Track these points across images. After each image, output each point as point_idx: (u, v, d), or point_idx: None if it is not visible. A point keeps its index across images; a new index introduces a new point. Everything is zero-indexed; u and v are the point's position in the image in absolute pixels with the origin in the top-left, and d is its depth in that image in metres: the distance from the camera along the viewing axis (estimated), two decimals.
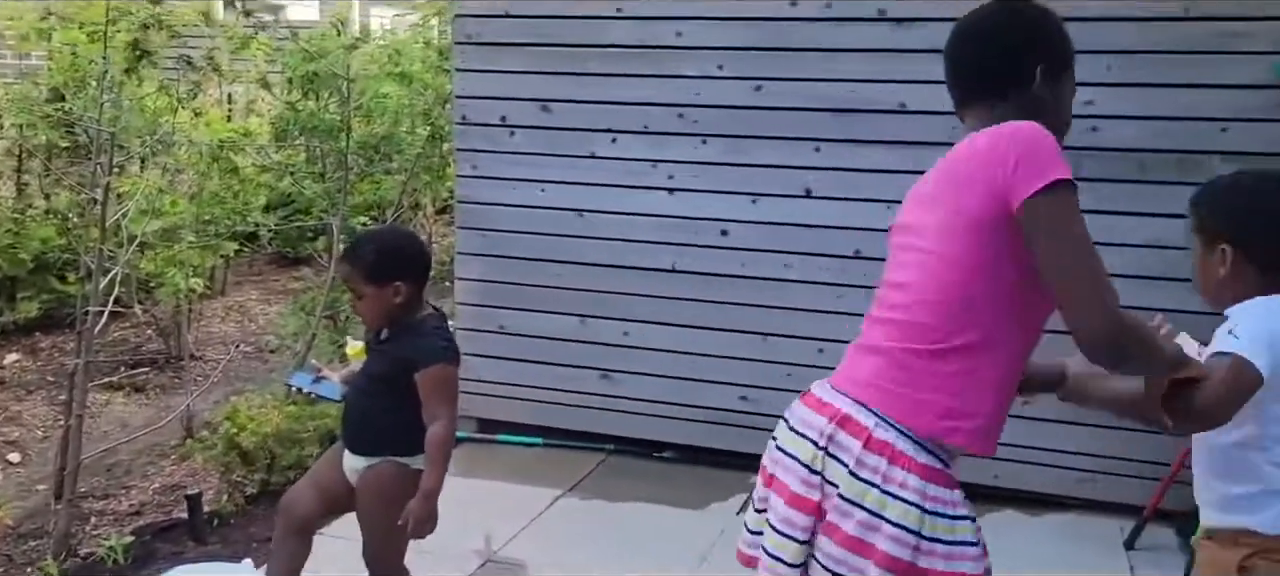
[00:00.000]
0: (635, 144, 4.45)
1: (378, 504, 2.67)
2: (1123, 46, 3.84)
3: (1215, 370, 1.67)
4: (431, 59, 6.22)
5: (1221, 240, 1.82)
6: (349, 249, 2.95)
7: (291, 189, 6.13)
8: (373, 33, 7.25)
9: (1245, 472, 1.80)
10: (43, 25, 5.87)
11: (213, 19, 6.01)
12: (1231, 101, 3.74)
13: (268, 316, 7.52)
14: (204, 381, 5.70)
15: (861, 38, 4.11)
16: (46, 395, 5.61)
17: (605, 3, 4.46)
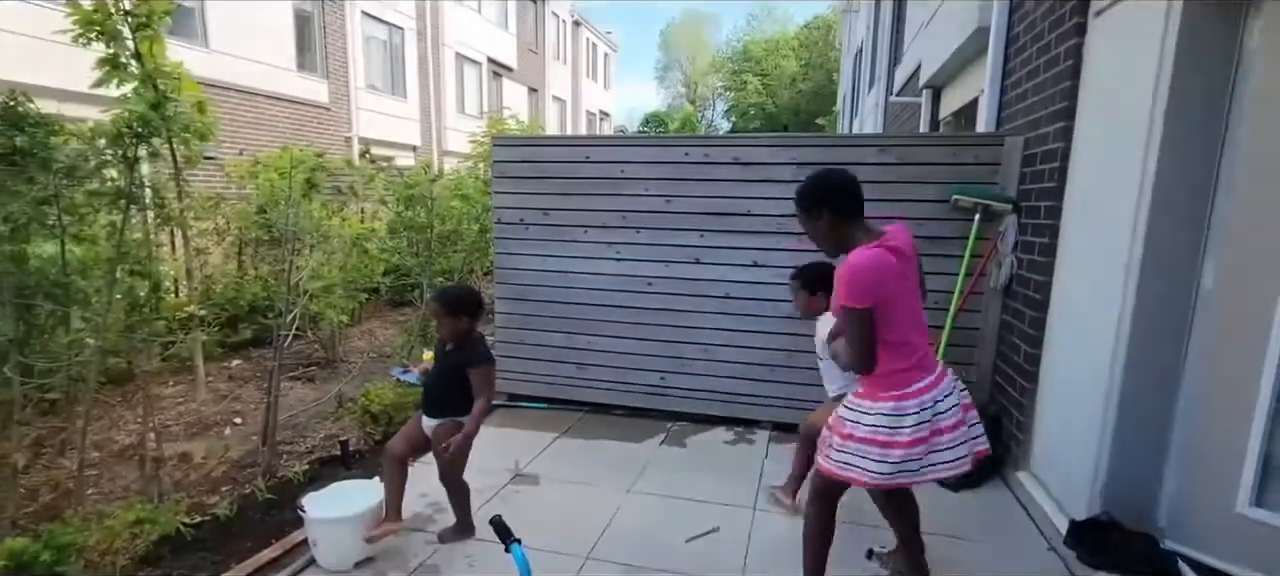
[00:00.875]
0: (598, 233, 4.65)
1: (447, 442, 2.92)
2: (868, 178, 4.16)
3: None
4: (480, 186, 6.33)
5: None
6: (437, 295, 2.93)
7: (399, 262, 6.17)
8: (446, 171, 7.40)
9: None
10: (253, 169, 6.23)
11: (353, 165, 6.32)
12: (925, 209, 4.01)
13: (386, 336, 7.56)
14: (348, 375, 5.92)
15: (725, 172, 4.33)
16: (256, 385, 5.70)
17: (579, 150, 4.71)
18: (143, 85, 3.51)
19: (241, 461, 4.16)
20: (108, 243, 3.05)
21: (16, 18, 7.78)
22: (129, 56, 3.75)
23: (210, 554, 3.01)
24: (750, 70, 43.14)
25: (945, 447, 2.12)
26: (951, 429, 2.12)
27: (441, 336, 2.96)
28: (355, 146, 14.05)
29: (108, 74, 3.79)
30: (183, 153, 3.83)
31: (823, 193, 2.17)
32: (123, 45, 3.74)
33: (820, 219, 2.16)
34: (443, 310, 2.85)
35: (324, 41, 13.72)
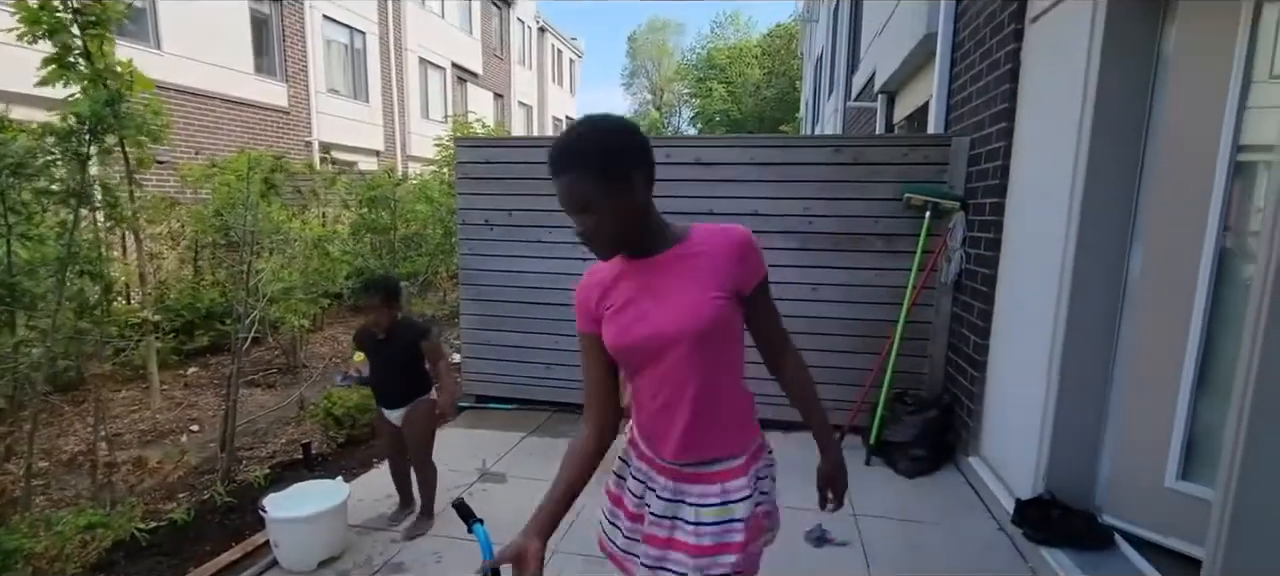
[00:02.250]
0: (562, 233, 4.63)
1: (422, 423, 3.05)
2: (824, 177, 4.22)
3: None
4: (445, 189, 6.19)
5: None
6: (375, 287, 2.92)
7: (362, 265, 6.08)
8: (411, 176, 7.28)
9: None
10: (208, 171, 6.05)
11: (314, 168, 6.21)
12: (879, 208, 4.16)
13: (348, 341, 7.67)
14: (309, 380, 5.84)
15: (687, 173, 4.39)
16: (214, 392, 5.63)
17: (542, 151, 4.75)
18: (92, 84, 3.44)
19: (199, 467, 4.09)
20: (55, 243, 2.97)
21: None
22: (77, 55, 3.67)
23: (167, 558, 2.95)
24: (715, 77, 43.63)
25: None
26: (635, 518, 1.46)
27: (374, 329, 2.99)
28: (315, 151, 13.77)
29: (54, 73, 3.69)
30: (135, 154, 3.75)
31: (639, 147, 1.27)
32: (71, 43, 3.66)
33: (631, 188, 1.25)
34: (384, 300, 2.91)
35: (282, 44, 13.43)
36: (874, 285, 4.28)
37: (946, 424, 3.93)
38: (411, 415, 3.04)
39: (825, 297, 4.37)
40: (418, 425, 3.07)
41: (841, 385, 4.37)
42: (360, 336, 3.11)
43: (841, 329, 4.35)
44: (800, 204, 4.30)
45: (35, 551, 2.50)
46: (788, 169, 4.34)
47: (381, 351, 3.01)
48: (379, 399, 3.10)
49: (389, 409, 3.09)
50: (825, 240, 4.30)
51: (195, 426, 5.06)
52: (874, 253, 4.26)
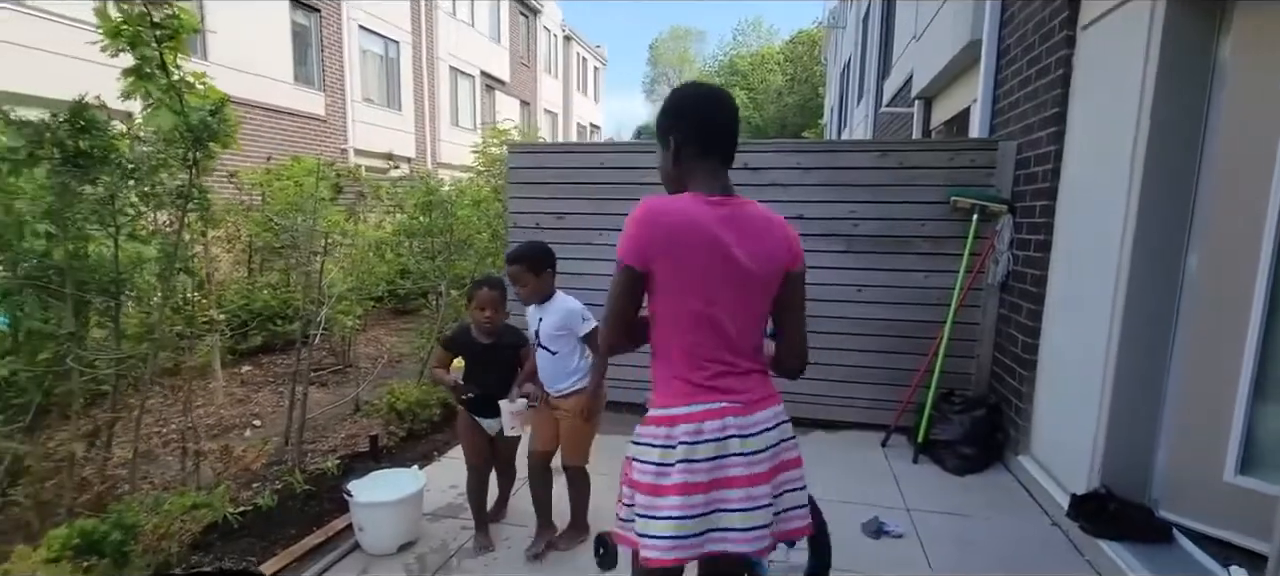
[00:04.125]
0: (611, 236, 4.50)
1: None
2: (870, 182, 4.32)
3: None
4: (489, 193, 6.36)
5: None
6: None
7: (413, 266, 6.21)
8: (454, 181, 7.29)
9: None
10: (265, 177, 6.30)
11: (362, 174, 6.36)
12: (924, 210, 4.25)
13: (391, 342, 7.64)
14: (360, 380, 5.86)
15: (735, 177, 4.65)
16: (271, 390, 5.79)
17: (594, 156, 4.89)
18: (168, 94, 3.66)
19: (269, 459, 4.25)
20: (153, 243, 3.18)
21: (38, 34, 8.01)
22: (154, 67, 3.91)
23: (257, 540, 3.12)
24: (737, 84, 43.74)
25: (736, 506, 1.42)
26: (746, 482, 1.43)
27: (478, 332, 2.86)
28: (351, 158, 14.14)
29: (133, 84, 3.93)
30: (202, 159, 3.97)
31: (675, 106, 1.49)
32: (149, 55, 3.89)
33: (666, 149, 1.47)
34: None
35: (321, 54, 13.84)
36: (919, 287, 4.36)
37: (994, 422, 4.00)
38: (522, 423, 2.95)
39: (870, 298, 4.46)
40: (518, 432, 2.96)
41: (886, 385, 4.46)
42: (456, 340, 2.98)
43: (886, 330, 4.44)
44: (846, 207, 4.40)
45: (145, 528, 2.69)
46: (833, 173, 4.46)
47: (485, 356, 2.89)
48: (474, 407, 2.94)
49: (485, 417, 2.96)
50: (870, 243, 4.40)
51: (257, 421, 5.24)
52: (920, 255, 4.35)
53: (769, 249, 1.50)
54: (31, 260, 2.75)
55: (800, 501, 1.54)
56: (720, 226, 1.45)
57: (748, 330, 1.51)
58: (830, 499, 3.42)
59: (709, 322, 1.45)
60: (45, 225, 2.84)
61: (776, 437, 1.50)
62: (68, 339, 2.77)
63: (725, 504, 1.43)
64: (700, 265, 1.43)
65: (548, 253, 2.82)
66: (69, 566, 2.35)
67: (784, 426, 1.53)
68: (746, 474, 1.43)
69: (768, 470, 1.46)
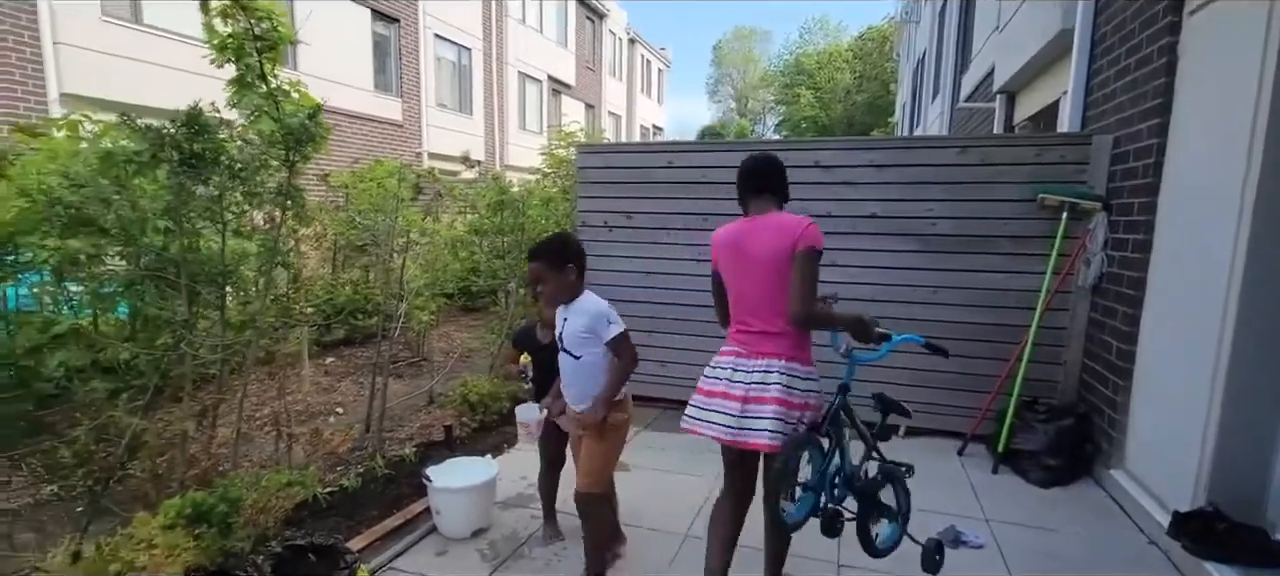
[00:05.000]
0: (680, 235, 4.83)
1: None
2: (948, 179, 4.19)
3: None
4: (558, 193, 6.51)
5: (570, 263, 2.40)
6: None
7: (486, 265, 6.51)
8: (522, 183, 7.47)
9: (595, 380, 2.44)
10: (351, 179, 6.67)
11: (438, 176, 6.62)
12: (1007, 209, 4.07)
13: (461, 337, 7.92)
14: (433, 373, 6.13)
15: (805, 176, 4.38)
16: (352, 380, 6.07)
17: (662, 156, 4.91)
18: (267, 101, 3.93)
19: (352, 444, 4.48)
20: (254, 238, 3.43)
21: (140, 47, 8.79)
22: (255, 77, 4.20)
23: (343, 519, 3.30)
24: (803, 83, 42.93)
25: (716, 408, 2.19)
26: (722, 395, 2.18)
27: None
28: (425, 161, 14.73)
29: (237, 93, 4.25)
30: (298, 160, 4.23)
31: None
32: (251, 65, 4.19)
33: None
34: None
35: (399, 63, 14.49)
36: (1001, 288, 4.17)
37: (1083, 433, 3.78)
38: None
39: (946, 300, 4.30)
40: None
41: (962, 391, 4.28)
42: (522, 338, 2.99)
43: (963, 333, 4.25)
44: (922, 205, 4.26)
45: (246, 502, 2.90)
46: (908, 171, 4.32)
47: (546, 354, 2.85)
48: (535, 391, 2.99)
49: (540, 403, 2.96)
50: (947, 242, 4.24)
51: (340, 409, 5.53)
52: (1001, 255, 4.16)
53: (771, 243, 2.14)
54: (151, 254, 3.01)
55: (761, 426, 2.09)
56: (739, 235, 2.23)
57: (758, 304, 2.19)
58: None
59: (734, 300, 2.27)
60: (163, 222, 3.12)
61: (759, 378, 2.12)
62: (182, 326, 3.02)
63: (712, 405, 2.19)
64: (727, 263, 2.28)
65: (568, 246, 2.53)
66: (182, 533, 2.56)
67: (770, 373, 2.11)
68: (726, 391, 2.16)
69: (741, 394, 2.12)
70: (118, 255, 3.27)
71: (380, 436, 4.44)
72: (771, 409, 2.08)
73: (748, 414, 2.12)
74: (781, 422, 2.08)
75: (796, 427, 2.12)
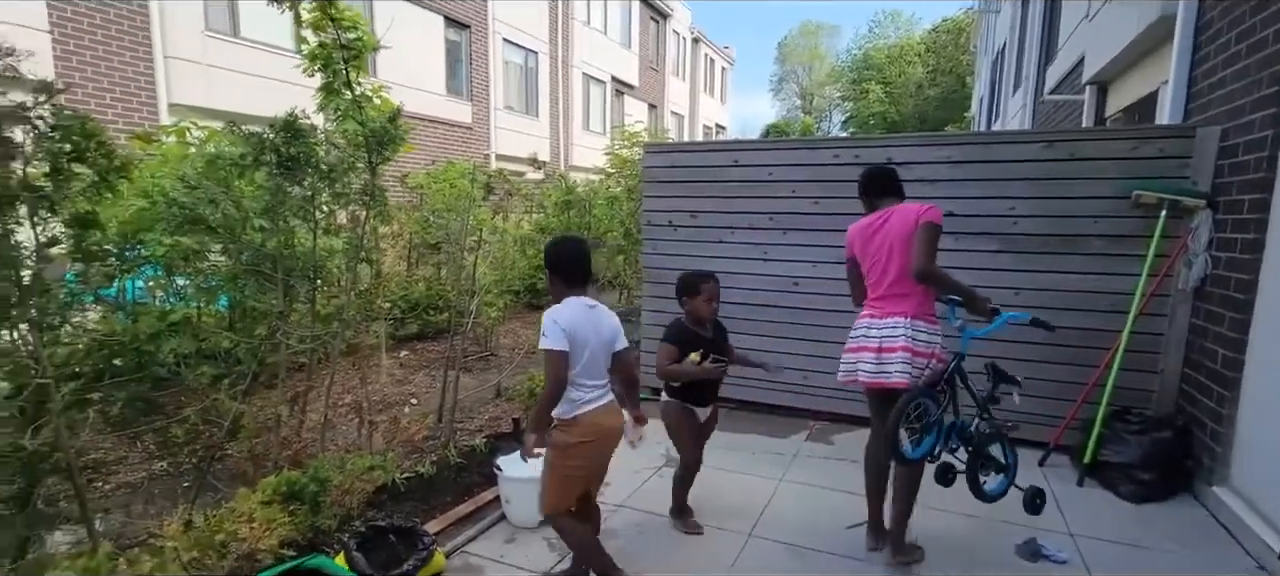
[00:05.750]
0: (745, 234, 4.81)
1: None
2: (1032, 175, 3.98)
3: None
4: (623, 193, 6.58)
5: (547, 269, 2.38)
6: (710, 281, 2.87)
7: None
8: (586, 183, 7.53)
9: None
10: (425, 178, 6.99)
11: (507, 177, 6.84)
12: (1097, 206, 3.85)
13: (526, 334, 7.98)
14: (500, 368, 6.35)
15: None
16: (424, 373, 6.28)
17: (728, 155, 4.88)
18: (352, 106, 4.16)
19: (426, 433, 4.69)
20: (342, 236, 3.65)
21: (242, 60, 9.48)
22: (341, 84, 4.46)
23: (419, 503, 3.47)
24: (872, 78, 41.64)
25: (857, 360, 2.73)
26: (860, 350, 2.71)
27: (698, 325, 2.90)
28: (493, 162, 15.19)
29: (325, 99, 4.52)
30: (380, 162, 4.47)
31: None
32: (338, 73, 4.45)
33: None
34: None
35: (469, 67, 15.00)
36: (1089, 291, 3.95)
37: (1182, 447, 3.53)
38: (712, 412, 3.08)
39: (1028, 303, 4.07)
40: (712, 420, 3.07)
41: (1045, 398, 4.07)
42: (683, 336, 2.91)
43: (1047, 337, 4.02)
44: (1003, 204, 4.08)
45: (333, 483, 3.10)
46: (988, 167, 4.15)
47: (709, 347, 2.87)
48: (696, 398, 2.98)
49: (702, 407, 3.01)
50: (1030, 242, 4.05)
51: (414, 399, 5.78)
52: (1090, 255, 3.93)
53: (899, 224, 2.65)
54: (251, 250, 3.26)
55: (893, 369, 2.57)
56: (873, 223, 2.76)
57: (889, 274, 2.67)
58: (981, 514, 3.22)
59: (870, 275, 2.76)
60: (260, 220, 3.37)
61: (890, 332, 2.60)
62: (278, 317, 3.25)
63: (857, 359, 2.71)
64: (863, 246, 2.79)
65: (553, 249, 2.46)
66: (278, 509, 2.77)
67: (898, 328, 2.58)
68: (864, 345, 2.69)
69: (876, 346, 2.62)
70: (220, 251, 3.56)
71: (452, 427, 4.62)
72: (900, 355, 2.56)
73: (883, 361, 2.61)
74: (909, 365, 2.55)
75: (923, 371, 2.57)
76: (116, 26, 8.28)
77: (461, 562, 2.92)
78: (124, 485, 3.74)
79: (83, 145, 2.28)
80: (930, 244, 2.55)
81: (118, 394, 2.68)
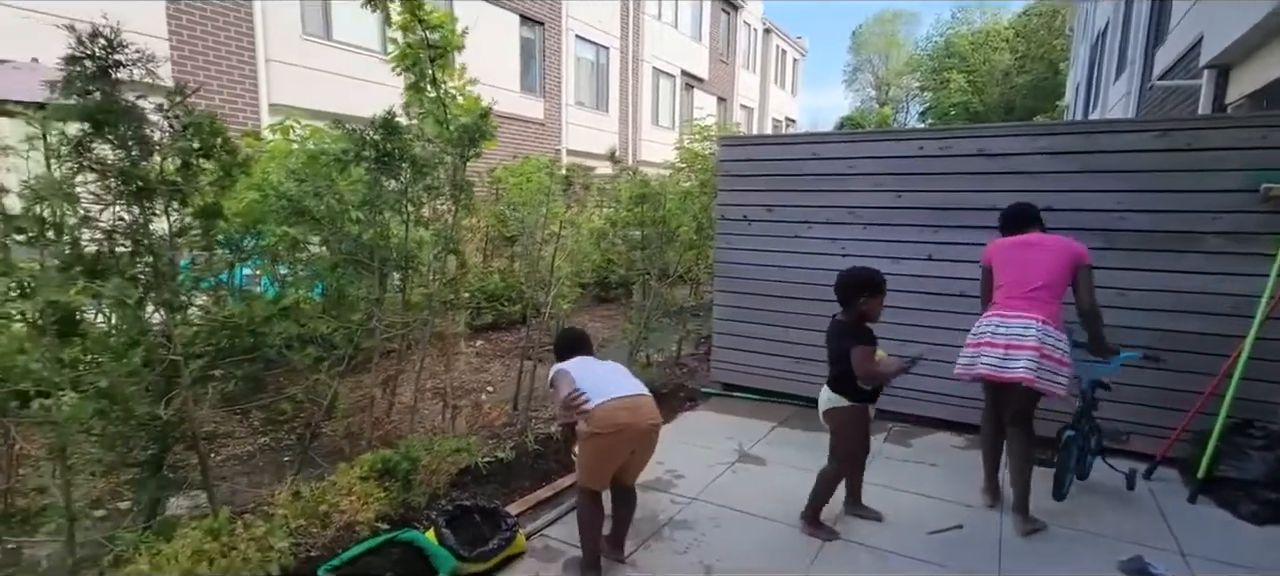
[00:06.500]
0: (822, 229, 4.73)
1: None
2: (1141, 167, 3.74)
3: None
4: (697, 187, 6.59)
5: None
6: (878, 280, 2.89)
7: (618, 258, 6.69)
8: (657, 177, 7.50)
9: None
10: (502, 172, 7.23)
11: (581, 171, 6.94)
12: (1218, 201, 3.59)
13: (595, 327, 8.10)
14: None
15: (965, 166, 4.20)
16: (499, 361, 6.53)
17: (806, 148, 4.81)
18: (435, 105, 4.34)
19: (504, 420, 4.86)
20: (431, 228, 3.82)
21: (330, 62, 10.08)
22: (427, 82, 4.65)
23: (499, 487, 3.61)
24: (953, 66, 39.72)
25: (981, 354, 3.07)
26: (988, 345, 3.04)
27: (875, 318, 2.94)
28: (564, 157, 15.47)
29: (411, 97, 4.72)
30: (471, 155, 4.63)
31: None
32: (424, 72, 4.65)
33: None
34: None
35: (543, 64, 15.33)
36: (1206, 292, 3.66)
37: None
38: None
39: (1136, 304, 3.84)
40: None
41: (1153, 407, 3.81)
42: (870, 335, 2.90)
43: (1156, 342, 3.76)
44: (1108, 198, 3.83)
45: (422, 463, 3.26)
46: (1091, 158, 3.91)
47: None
48: (871, 397, 2.96)
49: (875, 403, 3.02)
50: (1138, 239, 3.80)
51: (490, 387, 6.00)
52: (1208, 254, 3.65)
53: (1054, 251, 3.05)
54: (350, 240, 3.47)
55: (1019, 363, 2.88)
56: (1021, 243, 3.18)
57: (1030, 285, 3.01)
58: (1081, 529, 3.07)
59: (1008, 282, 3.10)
60: (357, 212, 3.58)
61: (1020, 331, 2.91)
62: (374, 304, 3.45)
63: (979, 354, 3.05)
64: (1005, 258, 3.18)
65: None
66: (374, 484, 2.94)
67: (1029, 328, 2.89)
68: (990, 341, 3.01)
69: (1003, 343, 2.94)
70: (319, 243, 3.80)
71: (527, 414, 4.77)
72: (1029, 353, 2.85)
73: (1009, 357, 2.90)
74: (1036, 363, 2.83)
75: (1053, 373, 2.86)
76: (225, 32, 8.94)
77: (541, 545, 3.02)
78: (232, 457, 4.06)
79: (210, 142, 2.49)
80: (1091, 283, 3.01)
81: (235, 372, 2.91)
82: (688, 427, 4.66)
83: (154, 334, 2.53)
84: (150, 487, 2.63)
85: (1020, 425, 3.06)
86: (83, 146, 2.17)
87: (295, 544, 2.57)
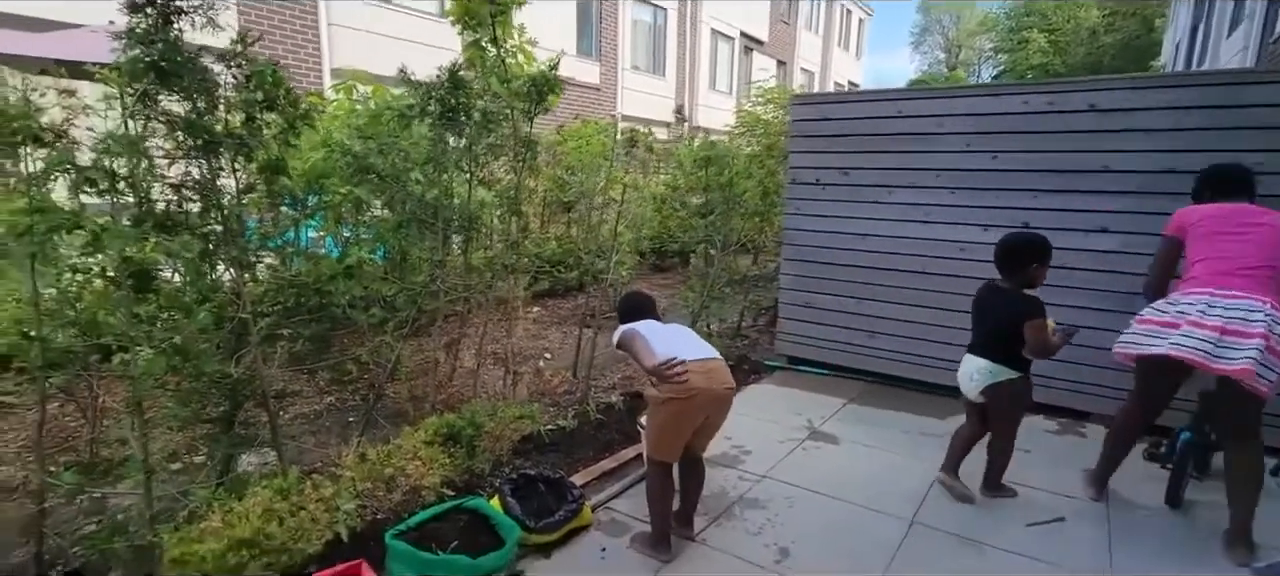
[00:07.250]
0: (904, 194, 4.41)
1: None
2: None
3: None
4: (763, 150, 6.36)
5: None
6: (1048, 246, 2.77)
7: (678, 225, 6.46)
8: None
9: None
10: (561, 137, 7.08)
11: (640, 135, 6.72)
12: None
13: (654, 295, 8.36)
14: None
15: (1074, 123, 3.82)
16: (556, 328, 6.46)
17: (891, 105, 4.44)
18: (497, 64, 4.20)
19: (564, 388, 4.79)
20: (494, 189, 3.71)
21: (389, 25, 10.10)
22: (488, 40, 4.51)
23: (562, 455, 3.53)
24: (1033, 25, 37.19)
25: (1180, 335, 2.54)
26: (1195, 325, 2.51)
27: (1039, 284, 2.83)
28: (619, 123, 15.22)
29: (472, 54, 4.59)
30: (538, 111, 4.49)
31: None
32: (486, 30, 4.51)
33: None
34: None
35: (598, 27, 15.04)
36: None
37: None
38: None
39: None
40: None
41: None
42: (1040, 304, 2.78)
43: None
44: (1250, 158, 3.35)
45: (485, 429, 3.19)
46: (1223, 114, 3.47)
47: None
48: (1029, 366, 2.84)
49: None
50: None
51: (547, 354, 5.94)
52: None
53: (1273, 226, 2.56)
54: (414, 200, 3.39)
55: (1241, 355, 2.36)
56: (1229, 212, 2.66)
57: (1250, 260, 2.53)
58: (1202, 526, 2.75)
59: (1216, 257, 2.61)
60: (418, 172, 3.49)
61: (1242, 315, 2.41)
62: (437, 265, 3.37)
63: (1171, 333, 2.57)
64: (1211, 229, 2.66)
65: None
66: (439, 448, 2.89)
67: (1254, 312, 2.40)
68: (1198, 321, 2.50)
69: (1217, 326, 2.43)
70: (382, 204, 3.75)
71: (587, 383, 4.68)
72: (1256, 341, 2.36)
73: (1224, 343, 2.42)
74: (1262, 355, 2.34)
75: (1270, 368, 2.35)
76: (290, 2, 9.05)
77: (608, 517, 2.92)
78: (298, 416, 4.12)
79: (273, 93, 2.42)
80: None
81: (302, 332, 2.89)
82: (753, 401, 4.48)
83: (224, 291, 2.52)
84: (223, 443, 2.64)
85: (1249, 440, 2.51)
86: (149, 97, 2.11)
87: (361, 506, 2.54)
